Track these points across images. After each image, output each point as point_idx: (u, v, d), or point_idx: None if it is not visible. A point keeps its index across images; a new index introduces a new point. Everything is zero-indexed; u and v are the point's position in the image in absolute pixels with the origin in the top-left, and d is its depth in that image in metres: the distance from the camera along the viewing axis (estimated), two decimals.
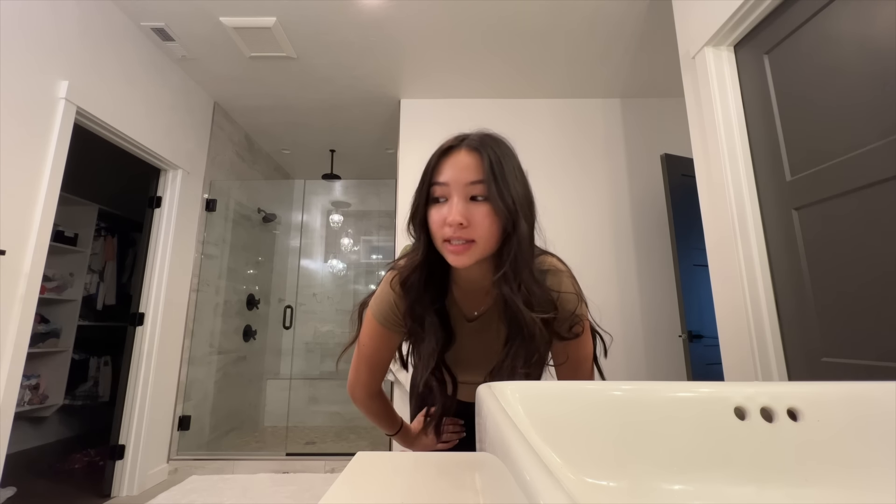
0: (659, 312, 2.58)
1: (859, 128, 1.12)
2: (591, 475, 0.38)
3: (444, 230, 0.62)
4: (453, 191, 0.62)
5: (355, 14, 2.15)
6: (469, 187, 0.62)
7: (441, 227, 0.63)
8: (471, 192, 0.62)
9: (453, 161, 0.64)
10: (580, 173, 2.80)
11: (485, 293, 0.73)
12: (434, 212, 0.65)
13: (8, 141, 1.59)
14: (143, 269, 2.45)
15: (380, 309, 0.74)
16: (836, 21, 1.19)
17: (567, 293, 0.69)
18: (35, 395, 2.92)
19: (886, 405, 0.39)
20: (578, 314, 0.70)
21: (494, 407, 0.36)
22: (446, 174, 0.63)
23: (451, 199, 0.62)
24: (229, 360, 3.25)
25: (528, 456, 0.23)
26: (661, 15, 2.08)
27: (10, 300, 1.61)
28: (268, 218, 3.80)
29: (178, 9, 2.11)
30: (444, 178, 0.63)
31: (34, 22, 1.70)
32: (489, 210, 0.62)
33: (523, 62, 2.53)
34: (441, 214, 0.63)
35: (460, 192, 0.62)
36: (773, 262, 1.40)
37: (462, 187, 0.62)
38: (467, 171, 0.63)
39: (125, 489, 2.23)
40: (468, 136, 0.66)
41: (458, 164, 0.63)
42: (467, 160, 0.63)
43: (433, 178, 0.65)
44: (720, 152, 1.52)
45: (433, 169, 0.65)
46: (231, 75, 2.66)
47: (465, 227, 0.61)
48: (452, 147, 0.65)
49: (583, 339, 0.73)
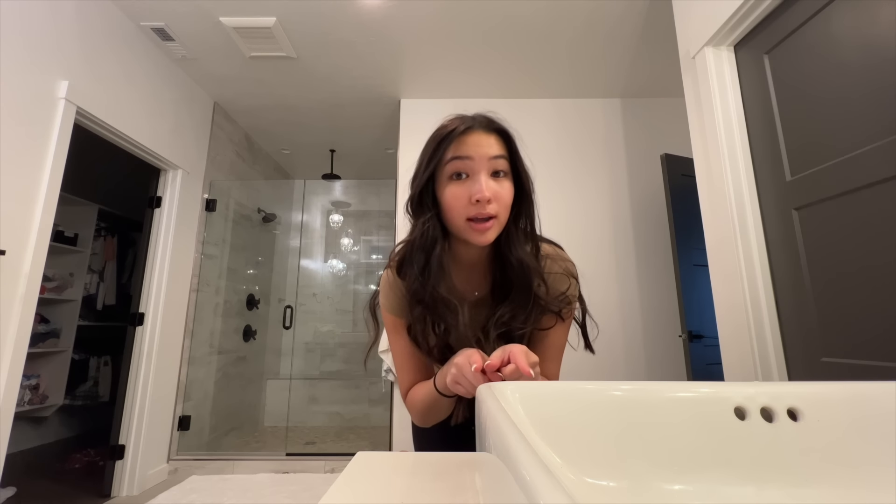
0: (659, 312, 2.58)
1: (859, 127, 1.12)
2: (592, 475, 0.38)
3: (468, 208, 0.61)
4: (478, 165, 0.61)
5: (355, 14, 2.15)
6: (493, 162, 0.62)
7: (465, 204, 0.61)
8: (494, 166, 0.62)
9: (474, 138, 0.63)
10: (580, 173, 2.81)
11: (483, 275, 0.72)
12: (453, 189, 0.63)
13: (8, 141, 1.59)
14: (143, 269, 2.45)
15: (390, 302, 0.72)
16: (836, 21, 1.19)
17: (562, 274, 0.70)
18: (35, 395, 2.92)
19: (886, 405, 0.39)
20: (570, 295, 0.70)
21: (494, 407, 0.36)
22: (468, 148, 0.62)
23: (478, 174, 0.61)
24: (229, 360, 3.25)
25: (528, 456, 0.23)
26: (661, 15, 2.08)
27: (10, 300, 1.61)
28: (268, 218, 3.79)
29: (177, 9, 2.11)
30: (467, 151, 0.62)
31: (34, 22, 1.70)
32: (510, 186, 0.63)
33: (523, 62, 2.53)
34: (465, 191, 0.62)
35: (485, 166, 0.62)
36: (773, 262, 1.40)
37: (487, 161, 0.62)
38: (489, 146, 0.63)
39: (125, 489, 2.23)
40: (475, 117, 0.66)
41: (480, 141, 0.63)
42: (487, 138, 0.63)
43: (451, 153, 0.63)
44: (720, 152, 1.52)
45: (450, 144, 0.63)
46: (231, 75, 2.66)
47: (491, 202, 0.61)
48: (470, 127, 0.64)
49: (561, 330, 0.72)
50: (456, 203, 0.62)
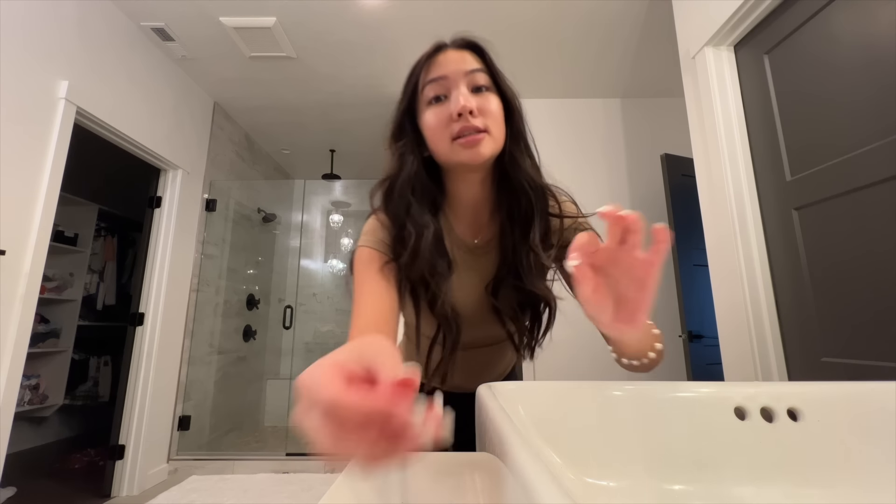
0: (659, 312, 2.56)
1: (859, 127, 1.12)
2: (592, 475, 0.38)
3: (451, 127, 0.55)
4: (454, 82, 0.56)
5: (355, 14, 2.15)
6: (471, 76, 0.57)
7: (447, 125, 0.56)
8: (473, 81, 0.57)
9: (446, 57, 0.58)
10: (580, 173, 2.80)
11: (487, 217, 0.65)
12: (431, 114, 0.57)
13: (8, 141, 1.59)
14: (143, 269, 2.45)
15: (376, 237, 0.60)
16: (836, 21, 1.19)
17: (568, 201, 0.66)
18: (35, 395, 2.92)
19: (886, 405, 0.39)
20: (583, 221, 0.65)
21: (494, 407, 0.36)
22: (441, 68, 0.57)
23: (455, 90, 0.56)
24: (229, 360, 3.25)
25: (529, 456, 0.23)
26: (661, 15, 2.08)
27: (10, 300, 1.61)
28: (268, 218, 3.79)
29: (178, 9, 2.11)
30: (439, 72, 0.57)
31: (34, 22, 1.70)
32: (497, 100, 0.58)
33: (523, 62, 2.53)
34: (444, 111, 0.56)
35: (463, 81, 0.56)
36: (774, 262, 1.40)
37: (463, 76, 0.56)
38: (464, 62, 0.57)
39: (125, 489, 2.23)
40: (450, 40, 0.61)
41: (452, 58, 0.58)
42: (460, 54, 0.58)
43: (425, 78, 0.58)
44: (720, 152, 1.52)
45: (421, 71, 0.59)
46: (231, 75, 2.66)
47: (476, 116, 0.55)
48: (439, 48, 0.60)
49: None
50: (437, 125, 0.56)
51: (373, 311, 0.53)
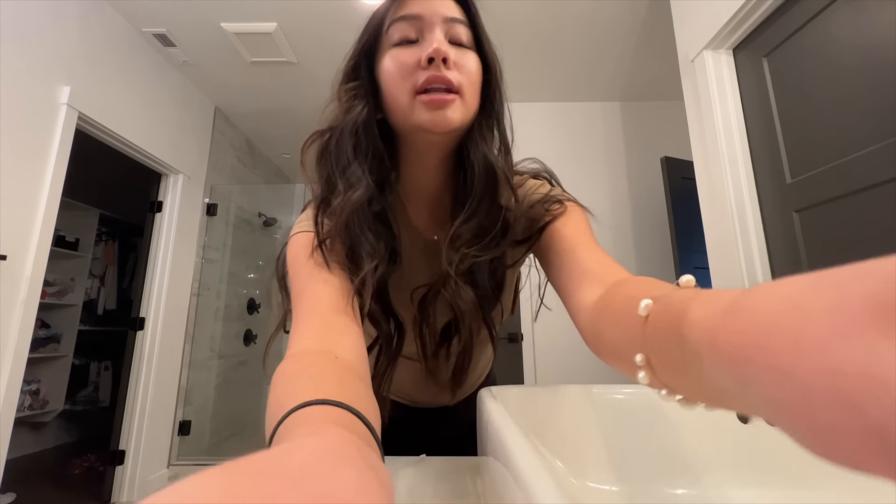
0: None
1: (859, 130, 1.12)
2: (594, 479, 0.38)
3: (416, 74, 0.43)
4: (429, 24, 0.44)
5: (356, 19, 2.14)
6: (452, 25, 0.45)
7: (412, 71, 0.43)
8: (454, 32, 0.45)
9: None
10: (580, 177, 2.81)
11: (448, 216, 0.51)
12: (393, 56, 0.45)
13: (10, 146, 1.60)
14: (144, 274, 2.45)
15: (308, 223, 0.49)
16: (835, 24, 1.19)
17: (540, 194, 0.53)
18: (35, 400, 2.92)
19: None
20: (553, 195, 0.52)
21: (495, 411, 0.36)
22: (416, 6, 0.45)
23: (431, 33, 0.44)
24: (230, 365, 3.24)
25: (530, 461, 0.23)
26: (659, 18, 2.09)
27: (10, 305, 1.61)
28: (269, 222, 3.80)
29: (179, 15, 2.12)
30: (413, 9, 0.45)
31: (36, 28, 1.71)
32: (477, 61, 0.47)
33: (521, 65, 2.54)
34: (411, 55, 0.44)
35: (441, 27, 0.44)
36: (774, 264, 1.40)
37: (442, 21, 0.45)
38: (444, 7, 0.45)
39: (125, 495, 2.22)
40: None
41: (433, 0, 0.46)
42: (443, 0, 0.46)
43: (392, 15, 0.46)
44: (720, 155, 1.53)
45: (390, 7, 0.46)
46: (232, 80, 2.67)
47: (451, 68, 0.43)
48: None
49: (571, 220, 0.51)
50: (399, 70, 0.44)
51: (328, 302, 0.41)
